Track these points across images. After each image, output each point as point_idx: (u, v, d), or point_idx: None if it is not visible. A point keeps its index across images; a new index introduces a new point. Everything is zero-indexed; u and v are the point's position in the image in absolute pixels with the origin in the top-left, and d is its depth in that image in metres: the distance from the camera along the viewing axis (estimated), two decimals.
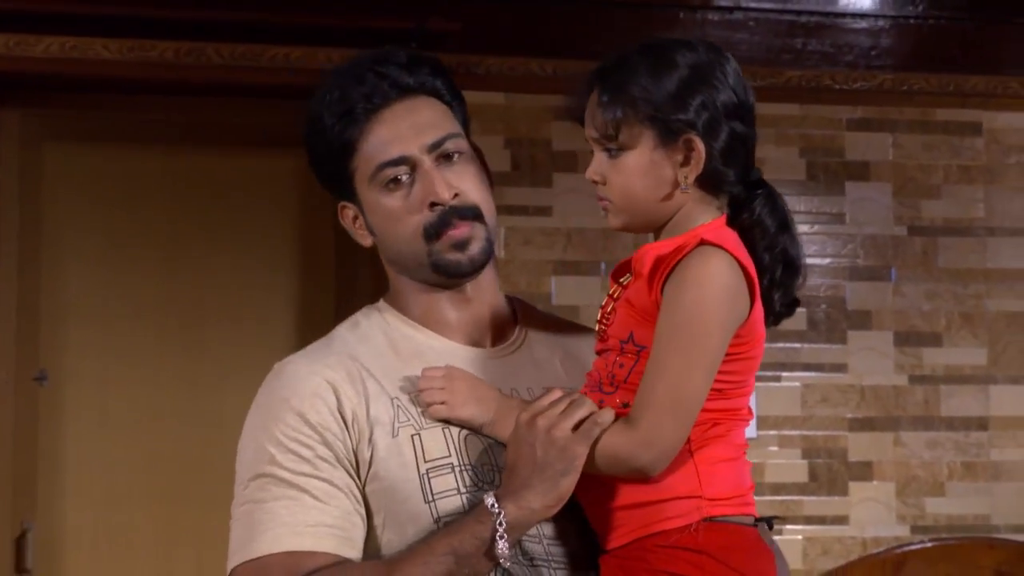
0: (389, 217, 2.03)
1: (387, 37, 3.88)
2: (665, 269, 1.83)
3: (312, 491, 1.92)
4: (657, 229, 1.93)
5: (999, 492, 4.36)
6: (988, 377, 4.37)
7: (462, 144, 2.05)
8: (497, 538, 1.83)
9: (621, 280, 1.97)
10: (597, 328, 1.97)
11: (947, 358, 4.36)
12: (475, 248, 2.01)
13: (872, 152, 4.36)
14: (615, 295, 1.93)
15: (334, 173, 2.07)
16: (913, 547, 4.20)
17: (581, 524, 1.93)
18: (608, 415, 1.84)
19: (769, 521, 1.93)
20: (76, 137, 4.27)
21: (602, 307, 1.97)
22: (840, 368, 4.28)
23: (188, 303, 4.33)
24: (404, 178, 2.01)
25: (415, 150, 2.01)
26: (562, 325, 2.21)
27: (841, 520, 4.20)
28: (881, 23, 4.36)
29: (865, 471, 4.25)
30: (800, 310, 2.05)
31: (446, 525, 1.90)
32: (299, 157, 4.18)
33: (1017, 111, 4.45)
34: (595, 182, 1.93)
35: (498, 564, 1.86)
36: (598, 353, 1.97)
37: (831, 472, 4.20)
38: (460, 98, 2.10)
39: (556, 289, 4.11)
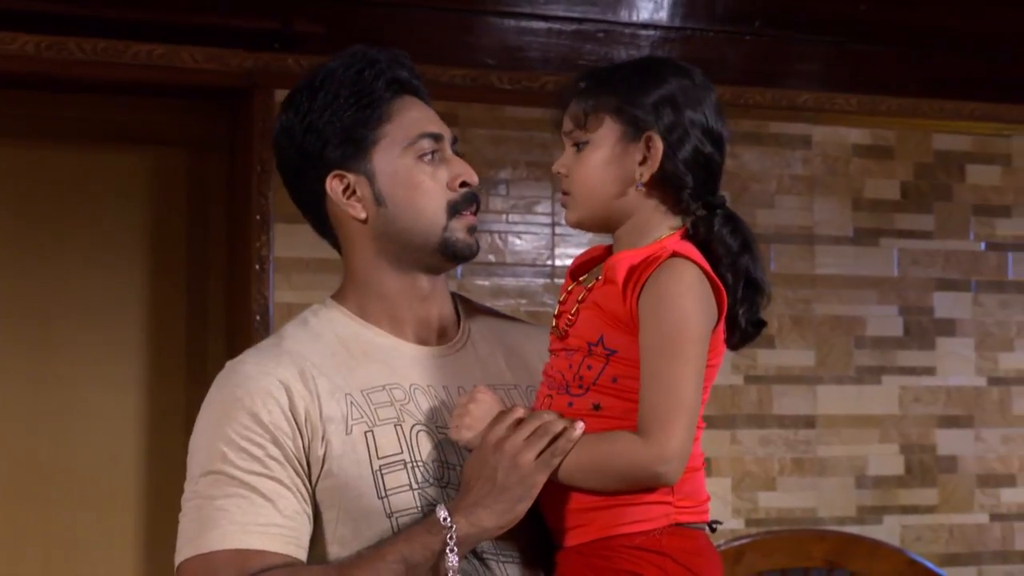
0: (419, 186, 2.07)
1: (251, 37, 3.94)
2: (639, 279, 1.89)
3: (262, 490, 1.95)
4: (613, 230, 2.00)
5: (824, 486, 4.58)
6: (815, 377, 4.59)
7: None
8: (447, 551, 1.88)
9: (581, 280, 2.02)
10: (555, 325, 2.02)
11: (779, 359, 4.56)
12: (475, 238, 2.11)
13: None
14: (580, 298, 1.98)
15: (348, 139, 2.08)
16: (750, 539, 4.39)
17: (528, 520, 1.97)
18: (566, 444, 1.89)
19: (711, 526, 2.01)
20: None
21: (561, 304, 2.02)
22: None
23: (36, 300, 4.26)
24: (434, 155, 2.08)
25: (447, 134, 2.11)
26: (499, 319, 2.27)
27: None
28: (721, 38, 4.54)
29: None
30: None
31: (398, 532, 1.94)
32: (153, 153, 4.30)
33: (842, 125, 4.69)
34: (560, 174, 2.00)
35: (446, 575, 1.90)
36: (552, 352, 2.02)
37: None
38: None
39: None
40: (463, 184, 2.08)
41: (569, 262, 4.24)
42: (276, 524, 1.94)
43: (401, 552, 1.89)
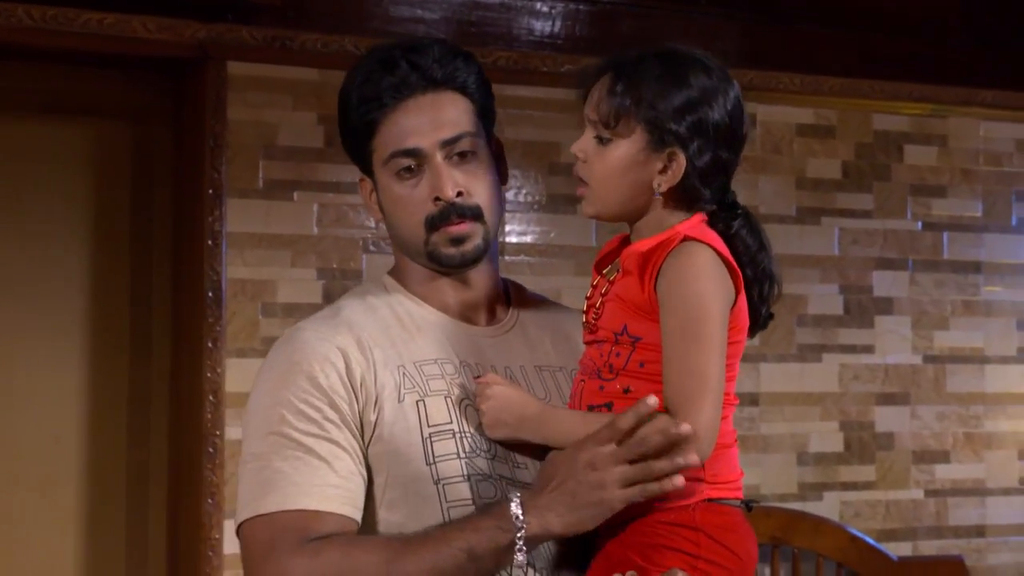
0: (397, 203, 2.12)
1: (205, 7, 3.86)
2: (654, 266, 1.94)
3: (318, 451, 1.99)
4: (630, 222, 2.04)
5: (767, 463, 4.62)
6: (759, 356, 4.62)
7: (477, 143, 2.12)
8: (516, 550, 1.91)
9: (604, 272, 2.07)
10: (584, 320, 2.06)
11: None
12: (469, 245, 2.11)
13: None
14: (603, 290, 2.03)
15: (356, 149, 2.15)
16: None
17: None
18: (657, 489, 1.89)
19: (747, 504, 2.04)
20: None
21: (588, 299, 2.07)
22: None
23: None
24: (414, 168, 2.09)
25: (429, 144, 2.09)
26: (550, 306, 2.31)
27: None
28: (667, 17, 4.54)
29: None
30: None
31: (466, 518, 1.96)
32: (95, 125, 4.19)
33: (786, 104, 4.71)
34: (578, 157, 2.02)
35: (508, 569, 1.94)
36: (586, 343, 2.06)
37: None
38: (488, 94, 2.16)
39: (367, 265, 4.13)
40: (437, 199, 2.09)
41: (517, 240, 4.31)
42: (332, 484, 1.99)
43: (468, 540, 1.91)
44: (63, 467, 4.17)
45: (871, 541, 4.62)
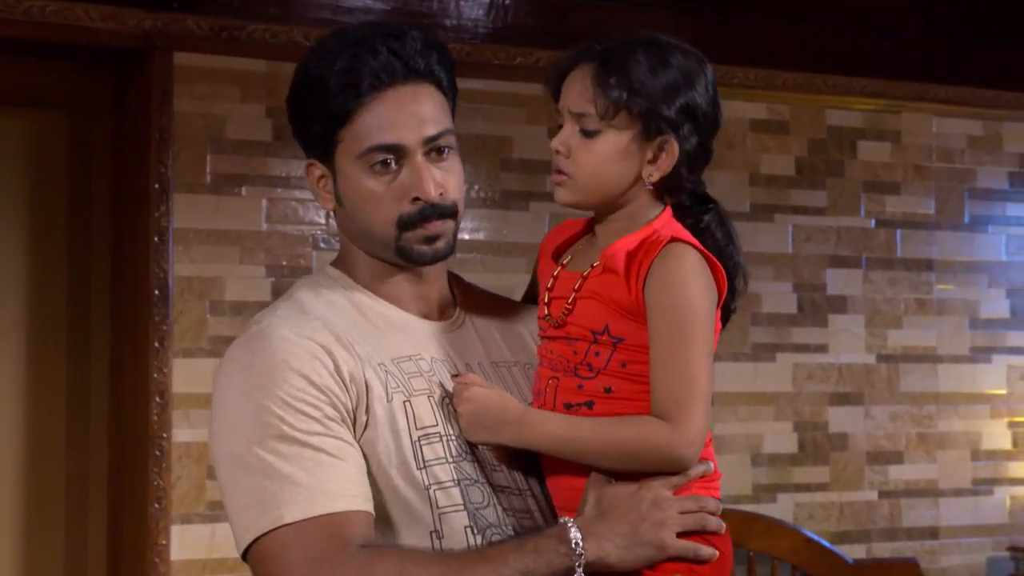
0: (368, 197, 2.00)
1: None
2: (640, 266, 1.91)
3: (329, 450, 1.89)
4: (605, 213, 2.00)
5: (720, 464, 4.42)
6: (713, 355, 4.55)
7: (453, 140, 2.03)
8: None
9: (565, 263, 2.03)
10: (548, 312, 2.00)
11: None
12: (442, 243, 2.03)
13: None
14: (576, 285, 1.97)
15: (317, 135, 2.01)
16: None
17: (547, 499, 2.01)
18: (709, 553, 1.92)
19: None
20: None
21: (549, 291, 2.01)
22: None
23: None
24: (392, 164, 1.99)
25: (411, 140, 1.98)
26: (490, 297, 2.24)
27: None
28: (620, 11, 4.47)
29: None
30: None
31: (523, 537, 1.92)
32: (32, 116, 4.04)
33: (741, 100, 4.66)
34: (558, 152, 1.97)
35: None
36: (550, 337, 2.00)
37: None
38: (456, 90, 2.07)
39: (317, 262, 4.03)
40: (416, 199, 1.99)
41: (469, 237, 4.22)
42: (352, 481, 1.89)
43: (525, 562, 1.87)
44: None
45: (826, 544, 4.57)
